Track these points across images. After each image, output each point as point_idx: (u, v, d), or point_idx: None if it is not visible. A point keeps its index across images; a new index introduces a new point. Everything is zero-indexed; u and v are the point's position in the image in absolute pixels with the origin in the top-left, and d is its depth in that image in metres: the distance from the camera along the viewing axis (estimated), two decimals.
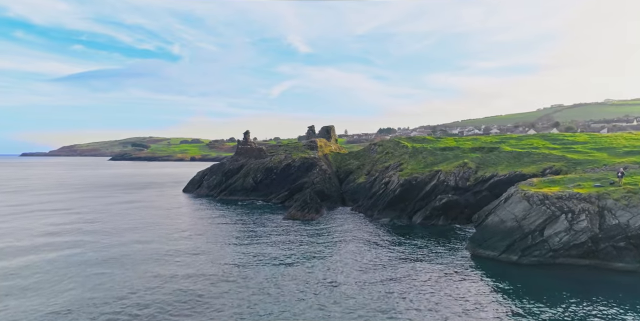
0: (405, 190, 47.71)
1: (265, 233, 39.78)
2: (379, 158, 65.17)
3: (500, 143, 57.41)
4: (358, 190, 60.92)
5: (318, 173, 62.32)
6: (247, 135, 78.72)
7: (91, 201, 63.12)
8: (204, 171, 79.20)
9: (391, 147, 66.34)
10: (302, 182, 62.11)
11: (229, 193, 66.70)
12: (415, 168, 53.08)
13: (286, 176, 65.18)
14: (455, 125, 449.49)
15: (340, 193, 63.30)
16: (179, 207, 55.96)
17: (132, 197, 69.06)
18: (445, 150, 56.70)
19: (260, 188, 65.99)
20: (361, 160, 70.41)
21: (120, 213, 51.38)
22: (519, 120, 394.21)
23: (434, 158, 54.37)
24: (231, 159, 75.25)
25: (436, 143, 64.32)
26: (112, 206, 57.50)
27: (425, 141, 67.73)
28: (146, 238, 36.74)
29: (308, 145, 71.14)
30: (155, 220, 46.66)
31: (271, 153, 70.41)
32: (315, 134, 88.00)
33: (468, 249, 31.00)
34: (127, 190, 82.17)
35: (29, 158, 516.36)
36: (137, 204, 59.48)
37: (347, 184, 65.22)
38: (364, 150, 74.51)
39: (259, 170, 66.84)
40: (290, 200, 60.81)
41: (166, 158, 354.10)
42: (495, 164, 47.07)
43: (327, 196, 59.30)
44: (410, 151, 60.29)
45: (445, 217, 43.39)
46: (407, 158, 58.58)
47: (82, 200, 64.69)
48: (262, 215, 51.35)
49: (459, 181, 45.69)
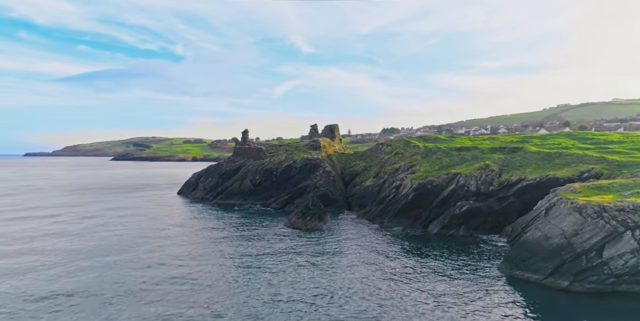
0: (420, 196, 42.48)
1: (261, 245, 34.71)
2: (387, 159, 59.93)
3: (523, 143, 52.02)
4: (365, 194, 55.73)
5: (321, 176, 57.22)
6: (246, 135, 73.76)
7: (74, 206, 58.38)
8: (199, 172, 74.34)
9: (401, 147, 61.09)
10: (304, 185, 57.03)
11: (225, 196, 61.73)
12: (429, 170, 47.81)
13: (287, 178, 60.14)
14: (460, 125, 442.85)
15: (346, 197, 58.16)
16: (169, 215, 50.99)
17: (121, 201, 64.25)
18: (461, 151, 51.38)
19: (259, 192, 60.99)
20: (368, 161, 65.20)
21: (103, 222, 46.49)
22: (525, 120, 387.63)
23: (449, 160, 49.07)
24: (228, 160, 70.31)
25: (450, 143, 58.98)
26: (95, 212, 52.68)
27: (438, 140, 62.40)
28: (122, 257, 31.79)
29: (310, 145, 66.04)
30: (138, 232, 41.71)
31: (271, 154, 65.39)
32: (319, 133, 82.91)
33: (502, 269, 25.76)
34: (118, 192, 77.47)
35: (32, 158, 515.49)
36: (124, 211, 54.62)
37: (353, 187, 60.05)
38: (370, 150, 69.33)
39: (258, 171, 61.83)
40: (291, 204, 55.76)
41: (168, 158, 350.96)
42: (521, 166, 41.71)
43: (332, 200, 54.19)
44: (423, 151, 55.01)
45: (466, 226, 38.13)
46: (419, 159, 53.31)
47: (63, 204, 59.98)
48: (260, 222, 46.32)
49: (480, 185, 40.38)
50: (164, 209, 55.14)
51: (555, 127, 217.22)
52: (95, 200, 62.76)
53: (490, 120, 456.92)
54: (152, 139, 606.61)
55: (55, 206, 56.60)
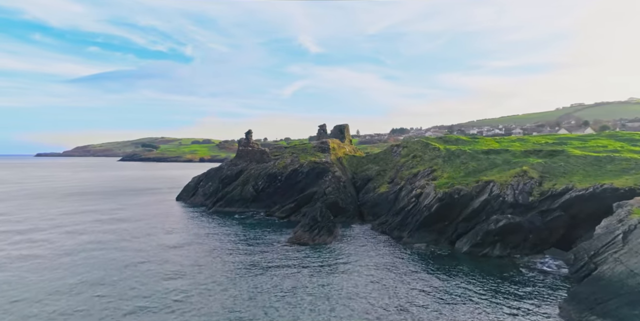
0: (445, 207, 36.60)
1: (260, 266, 29.28)
2: (404, 162, 54.05)
3: (562, 145, 45.72)
4: (379, 202, 49.98)
5: (331, 181, 51.61)
6: (249, 136, 68.58)
7: (63, 214, 53.78)
8: (199, 176, 69.37)
9: (419, 150, 55.15)
10: (312, 191, 51.50)
11: (225, 203, 56.51)
12: (453, 176, 41.89)
13: (292, 184, 54.67)
14: (470, 125, 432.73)
15: (357, 205, 52.48)
16: (163, 225, 45.89)
17: (116, 210, 59.48)
18: (489, 154, 45.30)
19: (262, 198, 55.64)
20: (381, 164, 59.38)
21: (87, 241, 41.62)
22: (538, 120, 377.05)
23: (476, 164, 43.05)
24: (230, 163, 65.15)
25: (475, 145, 52.87)
26: (83, 224, 47.89)
27: (459, 142, 56.31)
28: (101, 276, 26.67)
29: (319, 146, 60.47)
30: (126, 245, 36.67)
31: (275, 157, 60.01)
32: (327, 134, 77.33)
33: (566, 312, 19.86)
34: (116, 198, 72.94)
35: (42, 158, 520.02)
36: (115, 219, 49.81)
37: (366, 194, 54.30)
38: (384, 152, 63.50)
39: (261, 176, 56.49)
40: (297, 213, 50.30)
41: (175, 159, 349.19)
42: (566, 173, 35.53)
43: (342, 209, 48.57)
44: (444, 154, 49.03)
45: (502, 244, 32.19)
46: (440, 163, 47.37)
47: (51, 214, 55.45)
48: (261, 235, 40.92)
49: (518, 196, 34.32)
50: (158, 219, 50.05)
51: (573, 127, 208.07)
52: (88, 209, 57.79)
53: (501, 120, 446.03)
54: (161, 139, 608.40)
55: (42, 217, 51.83)
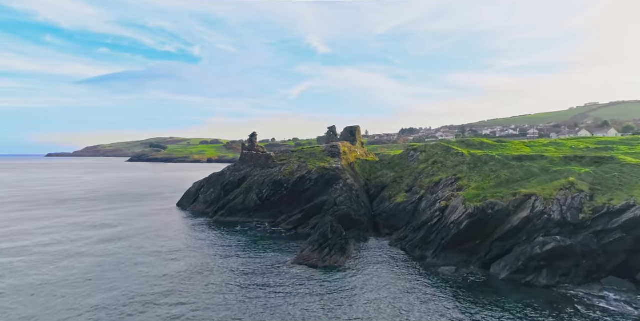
0: (477, 224, 31.47)
1: (261, 295, 24.58)
2: (423, 169, 48.92)
3: (607, 151, 40.16)
4: (396, 213, 44.98)
5: (342, 190, 46.73)
6: (254, 138, 64.10)
7: (42, 228, 49.88)
8: (200, 182, 65.08)
9: (439, 154, 49.95)
10: (321, 200, 46.69)
11: (228, 213, 52.02)
12: (483, 187, 36.70)
13: (300, 192, 49.94)
14: (481, 125, 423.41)
15: (371, 215, 47.54)
16: (156, 238, 41.57)
17: (105, 219, 55.47)
18: (523, 161, 39.95)
19: (266, 207, 51.02)
20: (397, 170, 54.30)
21: (57, 257, 37.47)
22: (551, 120, 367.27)
23: (509, 173, 37.75)
24: (233, 168, 60.68)
25: (503, 150, 47.50)
26: (61, 237, 43.84)
27: (484, 146, 50.95)
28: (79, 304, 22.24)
29: (328, 151, 55.62)
30: (110, 266, 32.33)
31: (281, 162, 55.33)
32: (337, 137, 72.44)
33: None
34: (112, 203, 69.11)
35: (53, 159, 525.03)
36: (102, 238, 45.72)
37: (381, 204, 49.30)
38: (399, 157, 58.36)
39: (265, 183, 51.84)
40: (305, 225, 45.58)
41: (183, 159, 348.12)
42: (622, 185, 30.11)
43: (355, 222, 43.64)
44: (469, 160, 43.81)
45: (549, 271, 26.99)
46: (465, 170, 42.18)
47: (26, 225, 51.65)
48: (264, 251, 36.26)
49: (566, 213, 29.01)
50: (152, 229, 45.75)
51: (591, 127, 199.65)
52: (73, 222, 53.18)
53: (514, 120, 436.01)
54: (170, 140, 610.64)
55: (15, 233, 48.05)
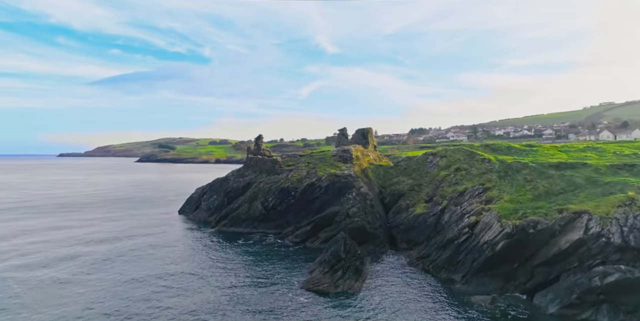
0: (516, 245, 26.94)
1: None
2: (444, 176, 44.33)
3: None
4: (415, 226, 40.53)
5: (355, 199, 42.42)
6: (260, 141, 60.19)
7: (29, 244, 46.68)
8: (203, 187, 61.42)
9: (462, 160, 45.31)
10: (332, 211, 42.47)
11: (231, 222, 48.16)
12: (518, 200, 32.06)
13: (308, 201, 45.78)
14: (493, 125, 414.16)
15: (387, 227, 43.18)
16: (149, 258, 37.72)
17: (101, 229, 52.13)
18: (562, 169, 35.15)
19: (272, 217, 46.99)
20: (415, 177, 49.76)
21: (32, 277, 33.91)
22: (565, 119, 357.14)
23: (548, 183, 33.01)
24: (237, 173, 56.81)
25: (535, 156, 42.68)
26: (46, 255, 40.45)
27: (513, 151, 46.16)
28: None
29: (339, 155, 51.34)
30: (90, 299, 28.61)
31: (288, 167, 51.22)
32: (348, 140, 68.14)
33: None
34: (112, 210, 65.94)
35: (64, 159, 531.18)
36: (94, 251, 42.26)
37: (397, 214, 44.88)
38: (416, 162, 53.77)
39: (271, 191, 47.80)
40: (314, 238, 41.46)
41: (191, 160, 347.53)
42: None
43: (370, 236, 39.33)
44: (498, 168, 39.13)
45: (611, 308, 22.35)
46: (494, 179, 37.52)
47: (8, 241, 48.50)
48: (268, 270, 32.21)
49: (628, 235, 24.27)
50: (149, 245, 42.04)
51: (612, 128, 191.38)
52: (68, 236, 48.56)
53: (526, 120, 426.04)
54: (179, 140, 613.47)
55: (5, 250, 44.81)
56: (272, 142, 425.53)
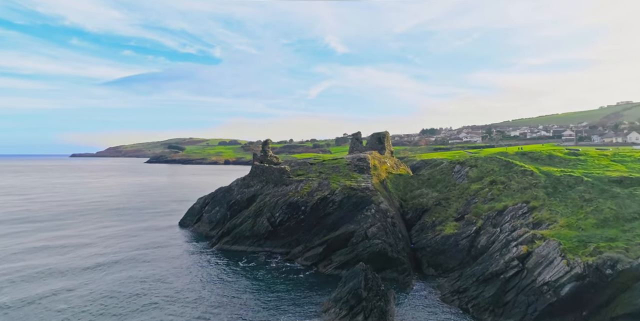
0: (588, 289, 21.11)
1: None
2: (476, 190, 38.47)
3: None
4: (445, 249, 34.84)
5: (374, 217, 36.84)
6: (267, 147, 55.10)
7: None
8: (205, 198, 56.52)
9: (497, 171, 39.38)
10: (347, 230, 36.99)
11: (233, 240, 43.06)
12: (577, 225, 26.16)
13: (320, 217, 40.41)
14: (506, 125, 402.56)
15: (412, 249, 37.54)
16: (138, 283, 32.84)
17: (94, 245, 47.49)
18: (627, 186, 29.09)
19: (280, 234, 41.76)
20: (440, 189, 43.97)
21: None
22: (581, 119, 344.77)
23: (617, 206, 26.99)
24: (241, 183, 51.70)
25: (585, 166, 36.53)
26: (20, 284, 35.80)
27: (556, 161, 40.02)
28: None
29: (355, 164, 45.80)
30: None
31: (298, 177, 45.87)
32: (362, 145, 62.55)
33: None
34: (109, 221, 61.58)
35: (75, 159, 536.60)
36: (77, 277, 37.55)
37: (422, 233, 39.20)
38: (441, 171, 47.91)
39: (278, 205, 42.54)
40: (328, 261, 36.05)
41: (200, 161, 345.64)
42: None
43: (392, 261, 33.71)
44: (545, 182, 33.15)
45: None
46: (541, 196, 31.58)
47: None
48: (273, 304, 26.91)
49: None
50: (141, 269, 37.16)
51: (637, 128, 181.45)
52: (50, 261, 44.10)
53: (540, 120, 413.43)
54: (189, 140, 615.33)
55: None
56: (282, 142, 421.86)
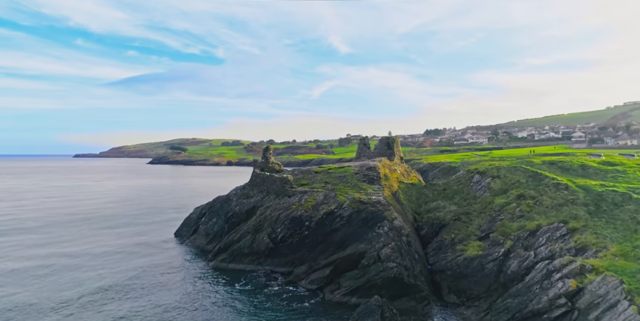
0: None
1: None
2: (502, 205, 34.32)
3: None
4: (469, 273, 30.77)
5: (388, 236, 32.80)
6: (268, 154, 51.24)
7: None
8: (202, 207, 52.68)
9: (524, 184, 35.23)
10: (357, 250, 32.98)
11: (231, 257, 39.19)
12: (637, 253, 22.05)
13: (326, 233, 36.44)
14: (511, 125, 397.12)
15: (428, 270, 33.49)
16: (122, 312, 29.11)
17: (77, 267, 43.93)
18: None
19: (282, 251, 37.85)
20: (458, 202, 39.88)
21: None
22: (588, 120, 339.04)
23: None
24: (240, 193, 47.79)
25: (628, 179, 32.33)
26: None
27: (590, 171, 35.78)
28: None
29: (364, 174, 41.77)
30: None
31: (302, 188, 41.89)
32: (370, 150, 58.52)
33: None
34: (99, 231, 58.01)
35: (79, 160, 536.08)
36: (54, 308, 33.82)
37: (439, 252, 35.13)
38: (457, 181, 43.78)
39: (280, 220, 38.62)
40: (335, 285, 32.09)
41: (202, 162, 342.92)
42: None
43: (409, 287, 29.67)
44: (584, 198, 29.01)
45: None
46: (582, 215, 27.46)
47: None
48: None
49: None
50: (132, 287, 33.46)
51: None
52: (36, 276, 42.14)
53: (546, 121, 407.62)
54: (192, 140, 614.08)
55: None
56: (284, 143, 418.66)
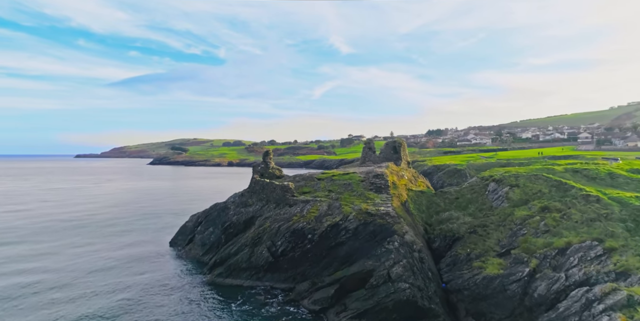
0: None
1: None
2: (524, 218, 31.31)
3: None
4: (489, 294, 27.78)
5: (398, 252, 29.86)
6: (268, 159, 48.40)
7: None
8: (199, 216, 49.85)
9: (547, 194, 32.21)
10: (365, 268, 30.07)
11: (227, 272, 36.32)
12: None
13: (331, 247, 33.54)
14: (514, 125, 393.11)
15: (442, 288, 30.56)
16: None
17: (62, 285, 41.26)
18: None
19: (282, 266, 34.96)
20: (472, 212, 36.87)
21: None
22: (592, 120, 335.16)
23: None
24: (238, 201, 44.90)
25: None
26: None
27: (620, 180, 32.76)
28: None
29: (371, 182, 38.80)
30: None
31: (304, 196, 38.97)
32: (375, 154, 55.54)
33: None
34: (91, 240, 55.33)
35: (80, 160, 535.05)
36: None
37: (454, 268, 32.14)
38: (471, 189, 40.76)
39: (281, 233, 35.72)
40: (341, 306, 29.18)
41: (203, 163, 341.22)
42: None
43: (423, 311, 26.71)
44: (620, 213, 26.02)
45: None
46: (619, 233, 24.50)
47: None
48: None
49: None
50: (120, 310, 30.67)
51: None
52: (15, 297, 39.37)
53: (549, 121, 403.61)
54: (194, 141, 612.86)
55: None
56: (286, 143, 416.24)
